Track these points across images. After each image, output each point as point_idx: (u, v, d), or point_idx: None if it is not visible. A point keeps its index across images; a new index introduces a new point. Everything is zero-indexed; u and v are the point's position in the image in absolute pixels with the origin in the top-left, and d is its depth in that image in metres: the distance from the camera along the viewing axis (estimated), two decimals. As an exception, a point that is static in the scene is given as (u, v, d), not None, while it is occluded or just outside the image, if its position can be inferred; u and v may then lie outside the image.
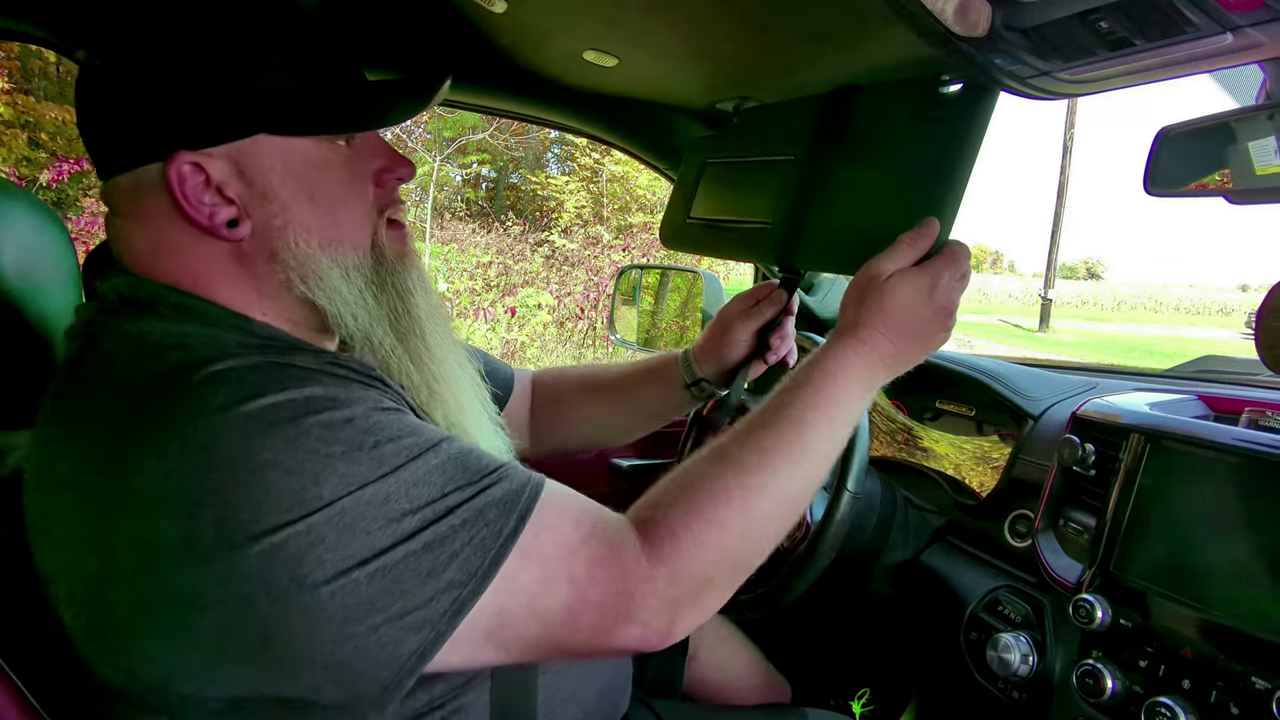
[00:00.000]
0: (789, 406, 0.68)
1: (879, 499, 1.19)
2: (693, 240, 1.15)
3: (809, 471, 0.67)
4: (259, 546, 0.47)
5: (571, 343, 6.25)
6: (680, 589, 0.59)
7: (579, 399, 1.08)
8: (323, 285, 0.62)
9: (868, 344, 0.72)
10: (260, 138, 0.59)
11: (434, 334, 0.70)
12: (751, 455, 0.65)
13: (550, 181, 10.86)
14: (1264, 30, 0.55)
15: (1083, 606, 0.87)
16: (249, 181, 0.59)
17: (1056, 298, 18.79)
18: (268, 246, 0.61)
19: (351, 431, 0.52)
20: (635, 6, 0.86)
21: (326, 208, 0.63)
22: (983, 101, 0.77)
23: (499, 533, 0.54)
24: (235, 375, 0.52)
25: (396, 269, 0.68)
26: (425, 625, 0.51)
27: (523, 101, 1.22)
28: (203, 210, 0.58)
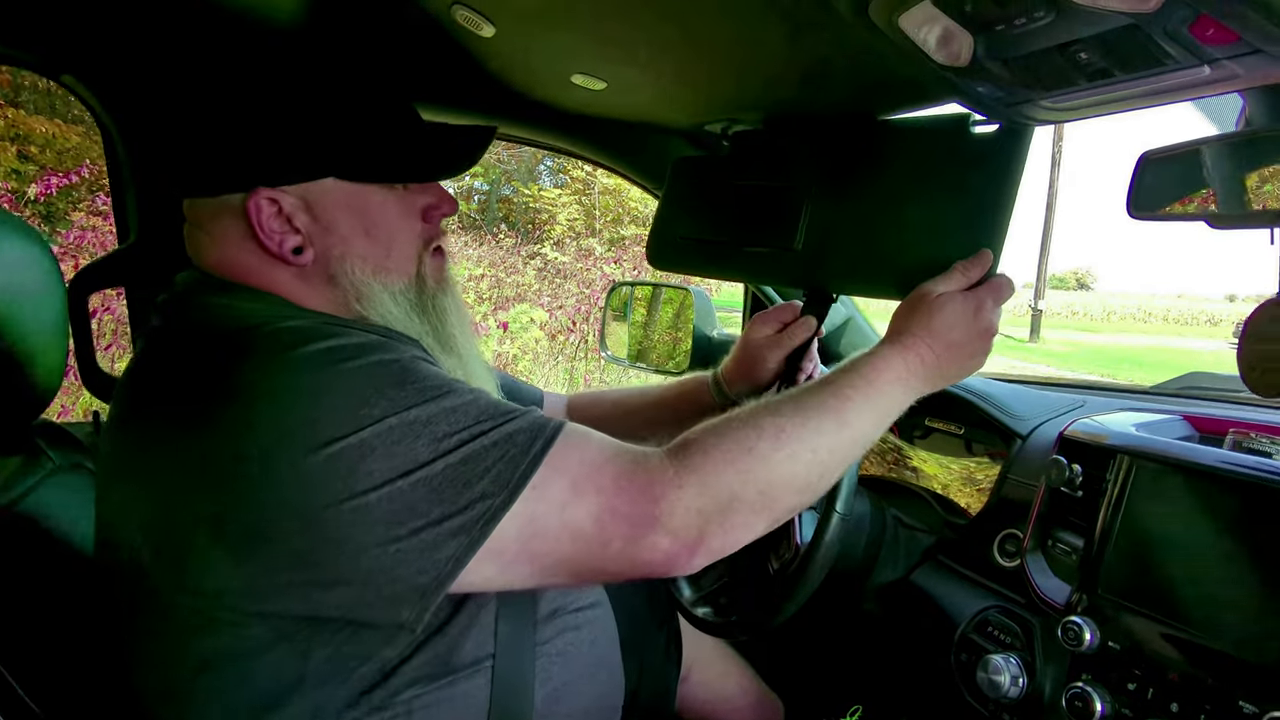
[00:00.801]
0: (833, 383, 0.74)
1: (869, 519, 1.19)
2: (687, 260, 1.15)
3: (841, 440, 0.71)
4: (317, 457, 0.54)
5: (564, 356, 6.24)
6: (708, 499, 0.63)
7: (616, 422, 1.08)
8: (375, 306, 0.71)
9: (912, 350, 0.76)
10: (330, 180, 0.69)
11: (467, 350, 0.80)
12: (789, 408, 0.70)
13: (543, 194, 10.89)
14: (1240, 63, 0.56)
15: (1071, 629, 0.87)
16: (315, 216, 0.68)
17: (1047, 308, 18.90)
18: (327, 271, 0.70)
19: (398, 369, 0.60)
20: (623, 32, 0.86)
21: (380, 241, 0.72)
22: (1018, 143, 0.81)
23: (527, 450, 0.60)
24: (304, 327, 0.61)
25: (437, 293, 0.78)
26: (461, 531, 0.56)
27: (512, 123, 1.23)
28: (274, 237, 0.67)
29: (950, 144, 0.88)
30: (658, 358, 2.06)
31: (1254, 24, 0.50)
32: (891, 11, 0.62)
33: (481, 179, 13.54)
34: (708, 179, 1.14)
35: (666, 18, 0.82)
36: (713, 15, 0.79)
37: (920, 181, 0.90)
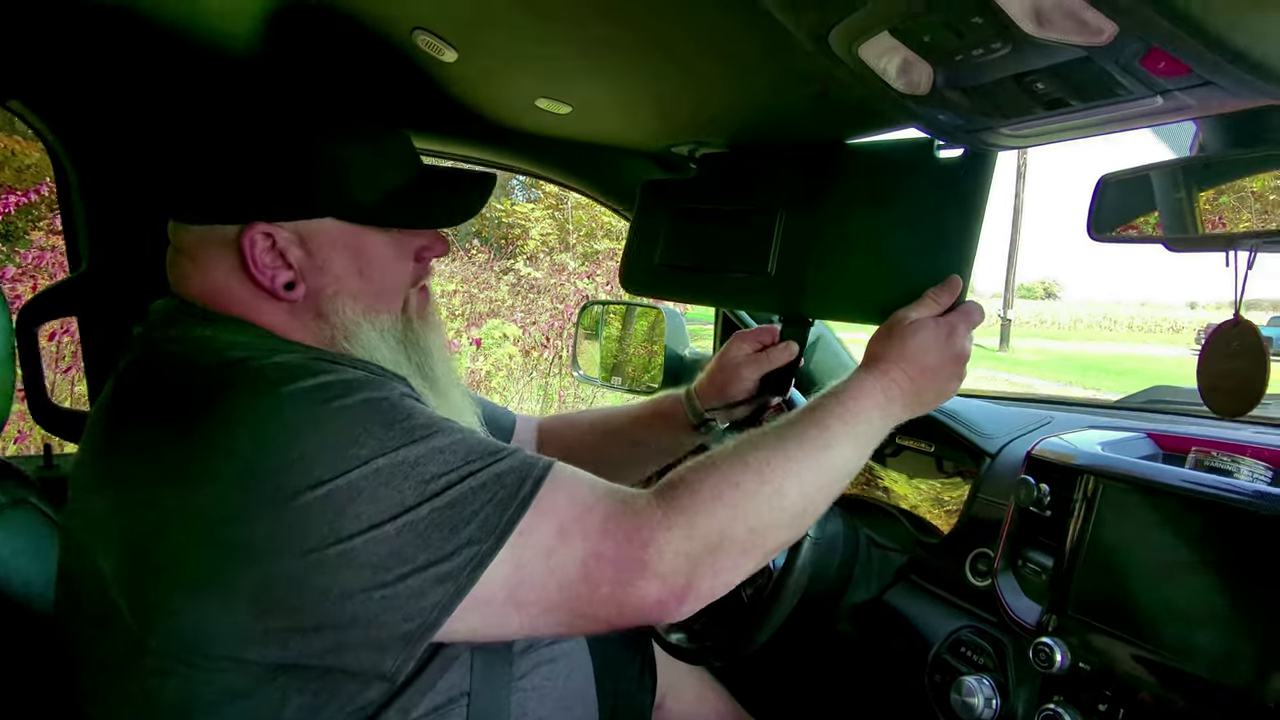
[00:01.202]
0: (812, 413, 0.74)
1: (841, 539, 1.19)
2: (661, 285, 1.15)
3: (827, 473, 0.71)
4: (304, 499, 0.53)
5: (538, 372, 6.21)
6: (697, 541, 0.62)
7: (590, 443, 1.09)
8: (363, 344, 0.70)
9: (889, 376, 0.77)
10: (328, 220, 0.68)
11: (450, 385, 0.79)
12: (772, 442, 0.70)
13: (516, 208, 10.86)
14: (1191, 94, 0.57)
15: (1042, 650, 0.87)
16: (310, 252, 0.68)
17: (1016, 317, 19.22)
18: (317, 308, 0.69)
19: (387, 407, 0.59)
20: (586, 59, 0.86)
21: (373, 281, 0.72)
22: (982, 167, 0.83)
23: (515, 493, 0.59)
24: (291, 363, 0.60)
25: (421, 331, 0.77)
26: (448, 578, 0.55)
27: (477, 147, 1.22)
28: (266, 272, 0.66)
29: (916, 168, 0.89)
30: (631, 377, 2.05)
31: (1204, 57, 0.50)
32: (851, 41, 0.62)
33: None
34: (677, 202, 1.14)
35: (630, 45, 0.81)
36: (677, 43, 0.79)
37: (888, 205, 0.90)
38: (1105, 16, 0.49)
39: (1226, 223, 0.77)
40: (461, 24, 0.83)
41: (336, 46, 0.91)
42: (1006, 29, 0.54)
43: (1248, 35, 0.48)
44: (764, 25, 0.65)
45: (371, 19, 0.85)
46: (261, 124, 0.67)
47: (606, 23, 0.77)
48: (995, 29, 0.54)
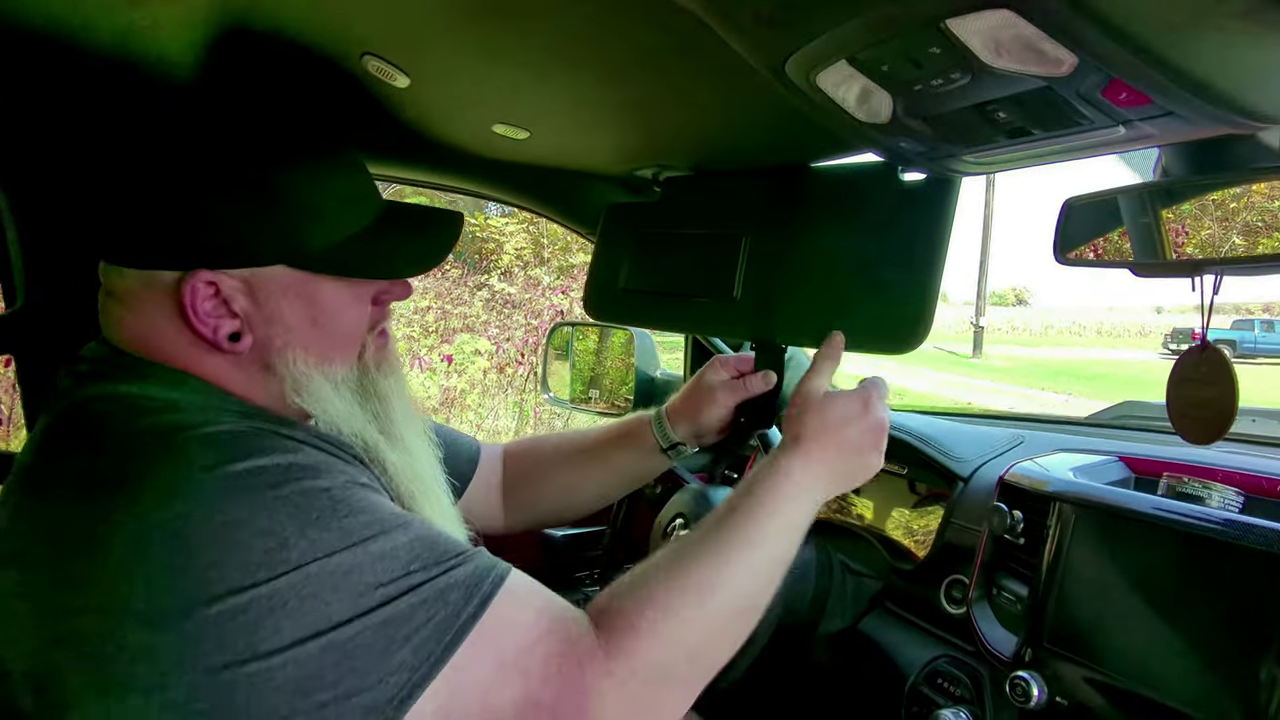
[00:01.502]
0: (740, 509, 0.72)
1: (814, 568, 1.17)
2: (628, 312, 1.13)
3: (763, 571, 0.70)
4: (221, 607, 0.47)
5: (513, 388, 6.15)
6: (639, 683, 0.59)
7: (554, 467, 1.05)
8: (315, 398, 0.65)
9: (811, 455, 0.76)
10: (279, 267, 0.62)
11: (410, 434, 0.74)
12: (707, 552, 0.67)
13: (489, 223, 10.79)
14: (1153, 124, 0.56)
15: (1019, 684, 0.85)
16: (258, 301, 0.62)
17: (988, 324, 19.48)
18: (264, 360, 0.63)
19: (327, 500, 0.53)
20: (542, 84, 0.84)
21: (327, 332, 0.66)
22: (946, 191, 0.82)
23: (457, 615, 0.54)
24: (226, 438, 0.54)
25: (378, 378, 0.72)
26: (373, 711, 0.50)
27: (434, 172, 1.19)
28: (208, 323, 0.60)
29: (880, 191, 0.87)
30: (609, 390, 2.03)
31: (1165, 89, 0.49)
32: (808, 70, 0.60)
33: (428, 209, 13.38)
34: (641, 226, 1.11)
35: (587, 73, 0.79)
36: (635, 71, 0.77)
37: (853, 228, 0.89)
38: (1065, 48, 0.47)
39: (1192, 248, 0.76)
40: (412, 49, 0.80)
41: (284, 71, 0.88)
42: (965, 59, 0.52)
43: (1209, 67, 0.47)
44: (722, 52, 0.63)
45: (319, 44, 0.81)
46: (206, 160, 0.60)
47: (562, 51, 0.75)
48: (954, 59, 0.53)
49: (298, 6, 0.74)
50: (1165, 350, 20.45)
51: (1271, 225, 0.73)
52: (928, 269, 0.82)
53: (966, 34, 0.49)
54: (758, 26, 0.55)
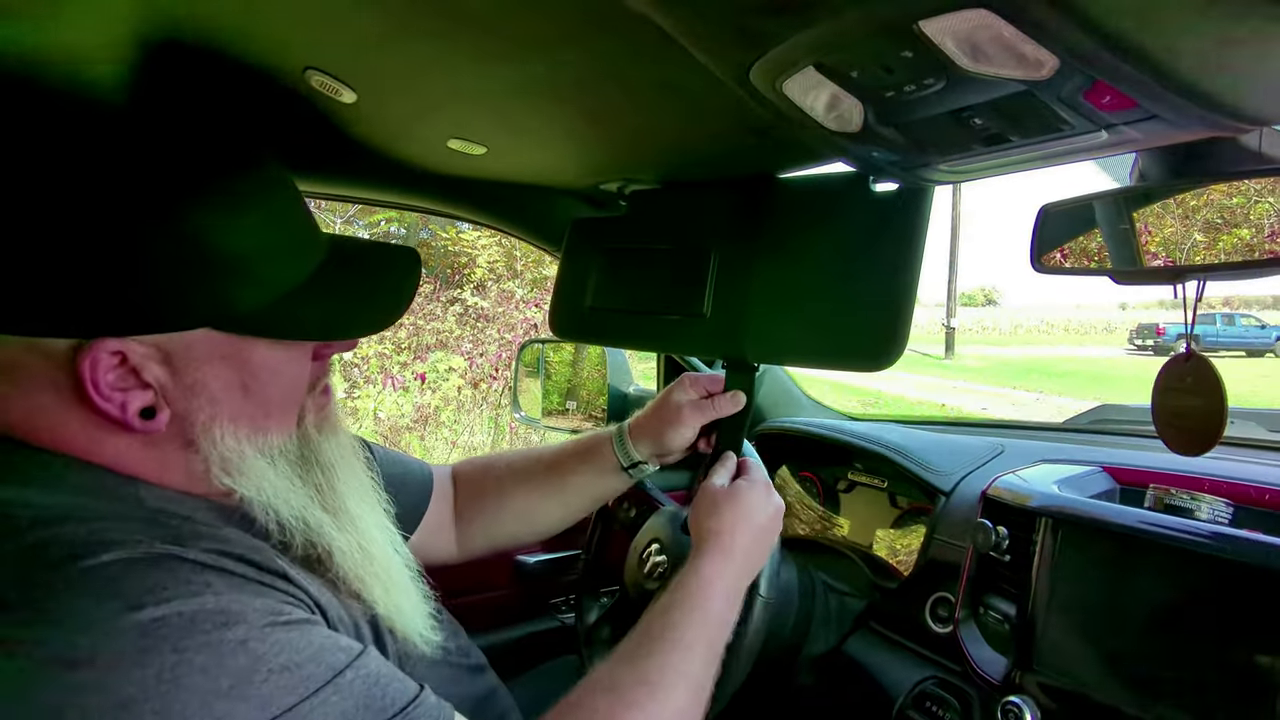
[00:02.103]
0: (669, 630, 0.68)
1: (796, 590, 1.13)
2: (596, 330, 1.08)
3: (696, 689, 0.67)
4: None
5: (488, 404, 6.07)
6: None
7: (508, 489, 0.99)
8: (247, 476, 0.56)
9: (731, 551, 0.77)
10: (203, 331, 0.52)
11: (358, 505, 0.65)
12: (640, 689, 0.62)
13: (461, 237, 10.68)
14: (1137, 128, 0.53)
15: (1011, 710, 0.82)
16: (176, 371, 0.52)
17: (959, 325, 19.70)
18: (185, 436, 0.54)
19: (244, 658, 0.43)
20: (497, 98, 0.79)
21: (260, 400, 0.57)
22: (918, 201, 0.79)
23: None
24: (110, 574, 0.43)
25: (320, 442, 0.63)
26: None
27: (388, 190, 1.14)
28: (113, 399, 0.50)
29: (850, 202, 0.84)
30: (580, 410, 1.98)
31: (1152, 91, 0.46)
32: (773, 78, 0.56)
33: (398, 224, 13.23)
34: (607, 241, 1.07)
35: (544, 86, 0.75)
36: (594, 82, 0.73)
37: (823, 240, 0.86)
38: (1045, 49, 0.44)
39: (1172, 254, 0.74)
40: (357, 63, 0.75)
41: (220, 88, 0.83)
42: (940, 64, 0.49)
43: (1196, 68, 0.44)
44: (685, 61, 0.60)
45: (258, 59, 0.76)
46: (107, 204, 0.48)
47: (518, 63, 0.71)
48: (927, 64, 0.49)
49: (233, 22, 0.69)
50: (1131, 346, 20.84)
51: (1230, 222, 0.72)
52: (901, 282, 0.79)
53: (940, 36, 0.46)
54: (763, 15, 0.50)
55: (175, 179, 0.51)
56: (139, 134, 0.53)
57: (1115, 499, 0.96)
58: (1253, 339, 17.77)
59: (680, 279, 0.97)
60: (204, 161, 0.54)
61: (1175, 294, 0.74)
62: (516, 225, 1.29)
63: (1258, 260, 0.68)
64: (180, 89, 0.82)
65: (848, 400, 9.14)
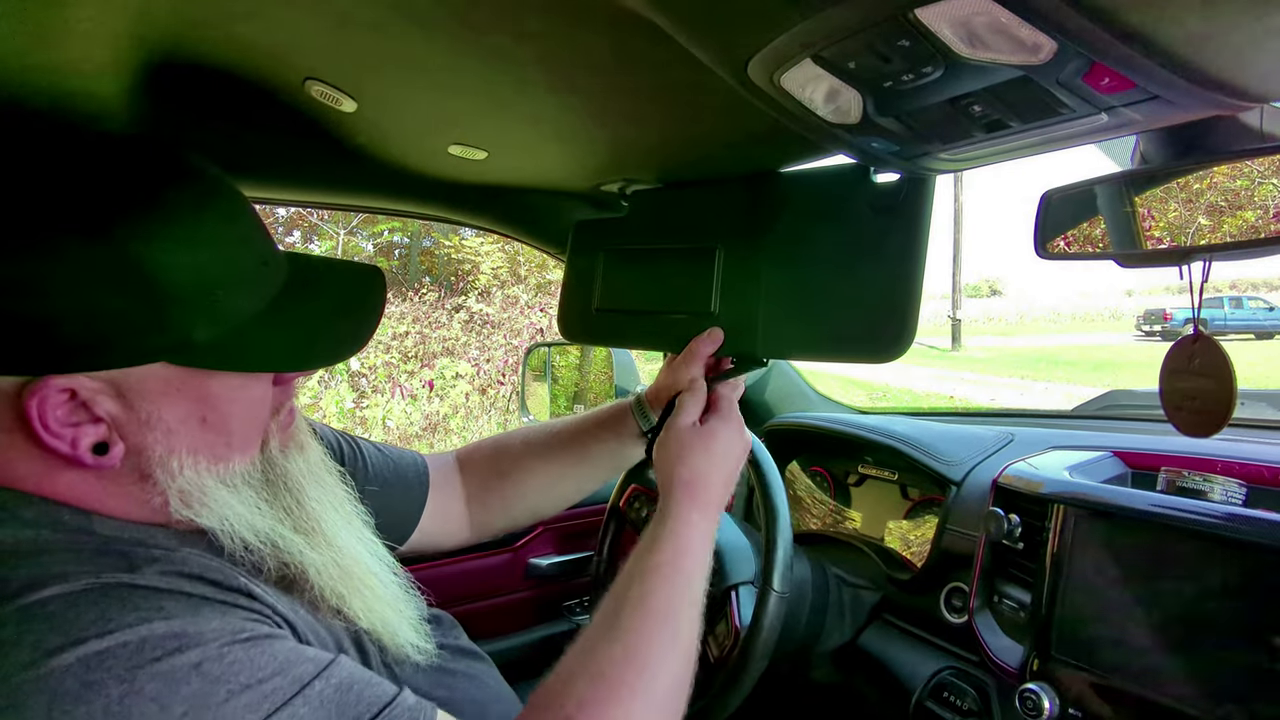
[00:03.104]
0: (650, 593, 0.65)
1: (810, 584, 1.13)
2: (603, 332, 1.08)
3: (682, 651, 0.65)
4: None
5: (495, 409, 6.08)
6: None
7: (528, 465, 0.98)
8: (209, 508, 0.53)
9: (706, 503, 0.74)
10: (158, 365, 0.50)
11: (331, 521, 0.63)
12: (622, 663, 0.60)
13: (464, 244, 10.72)
14: (1137, 109, 0.53)
15: (1029, 698, 0.81)
16: (130, 405, 0.50)
17: (964, 316, 19.63)
18: (141, 470, 0.51)
19: (199, 682, 0.42)
20: (496, 103, 0.80)
21: (220, 430, 0.54)
22: (921, 191, 0.79)
23: None
24: (51, 611, 0.41)
25: (286, 464, 0.61)
26: None
27: (390, 198, 1.14)
28: (63, 437, 0.48)
29: (853, 194, 0.84)
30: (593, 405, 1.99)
31: (1152, 72, 0.46)
32: (771, 71, 0.57)
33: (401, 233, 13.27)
34: (611, 243, 1.08)
35: (543, 89, 0.76)
36: (593, 82, 0.74)
37: (827, 233, 0.86)
38: (1043, 33, 0.44)
39: (1178, 235, 0.74)
40: (355, 74, 0.76)
41: (222, 101, 0.83)
42: (937, 51, 0.49)
43: (1196, 47, 0.44)
44: (683, 59, 0.60)
45: (258, 71, 0.77)
46: (56, 231, 0.46)
47: (517, 67, 0.71)
48: (925, 52, 0.49)
49: (233, 36, 0.69)
50: (1139, 332, 20.72)
51: (1235, 204, 0.71)
52: (907, 272, 0.79)
53: (937, 24, 0.46)
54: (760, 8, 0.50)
55: (110, 202, 0.49)
56: (73, 160, 0.50)
57: (1127, 483, 0.96)
58: (1261, 321, 17.66)
59: (686, 277, 0.97)
60: (140, 182, 0.51)
61: (1181, 275, 0.74)
62: (519, 229, 1.30)
63: (1263, 239, 0.68)
64: (182, 103, 0.83)
65: (855, 394, 9.12)
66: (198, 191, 0.53)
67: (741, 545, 1.08)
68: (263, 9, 0.64)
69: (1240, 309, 17.91)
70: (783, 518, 0.94)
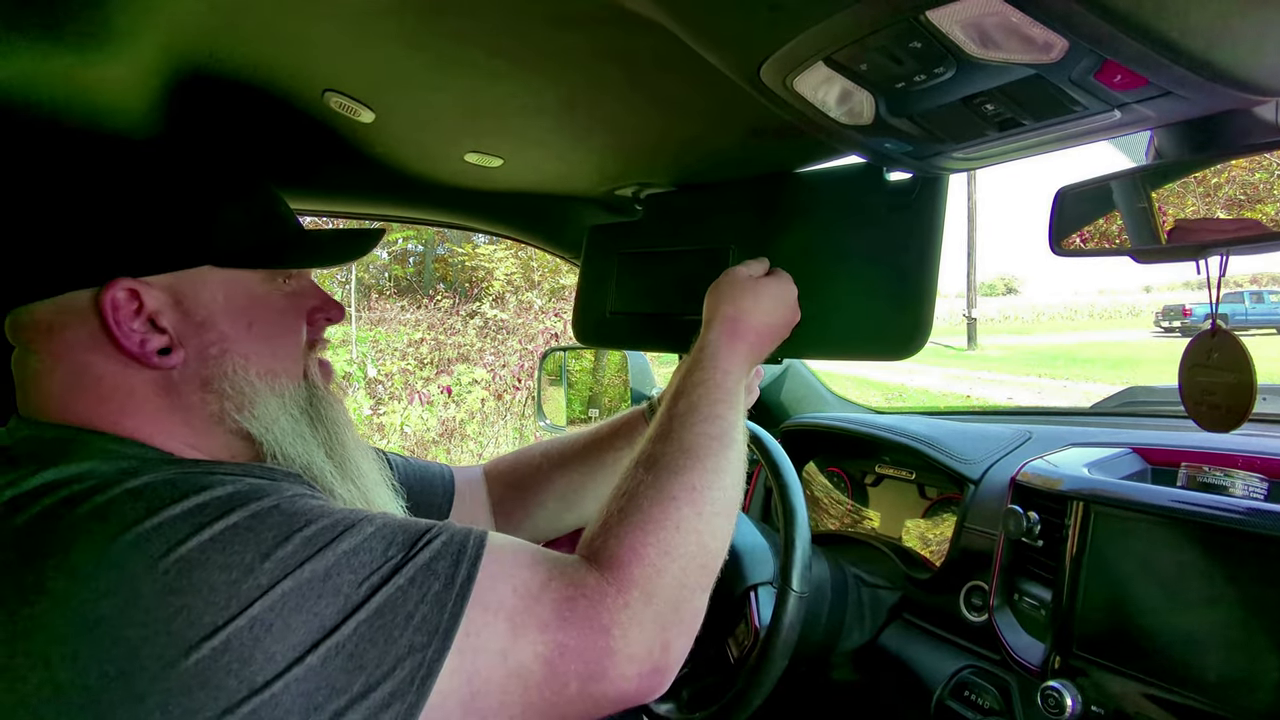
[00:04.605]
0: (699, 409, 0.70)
1: (829, 584, 1.13)
2: (618, 335, 1.09)
3: (734, 459, 0.69)
4: (200, 653, 0.43)
5: (511, 414, 6.11)
6: (659, 603, 0.57)
7: (547, 475, 1.00)
8: (260, 415, 0.61)
9: (744, 331, 0.78)
10: (205, 269, 0.60)
11: (361, 469, 0.69)
12: (683, 459, 0.65)
13: (478, 251, 10.77)
14: (1150, 105, 0.53)
15: (1051, 696, 0.81)
16: (186, 311, 0.59)
17: (980, 315, 19.48)
18: (201, 374, 0.59)
19: (279, 517, 0.49)
20: (512, 111, 0.81)
21: (265, 338, 0.63)
22: (934, 189, 0.79)
23: (451, 582, 0.51)
24: (151, 487, 0.49)
25: (329, 402, 0.69)
26: (395, 698, 0.47)
27: (408, 206, 1.16)
28: (134, 337, 0.56)
29: (866, 194, 0.85)
30: (604, 417, 1.99)
31: (1162, 68, 0.46)
32: (784, 75, 0.57)
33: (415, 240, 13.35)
34: (625, 246, 1.09)
35: (557, 97, 0.77)
36: (607, 89, 0.75)
37: (841, 235, 0.86)
38: (1054, 32, 0.45)
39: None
40: (373, 84, 0.77)
41: (243, 114, 0.85)
42: (949, 52, 0.50)
43: (1209, 42, 0.45)
44: (696, 64, 0.61)
45: (278, 84, 0.79)
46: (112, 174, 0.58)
47: (530, 75, 0.73)
48: (936, 53, 0.50)
49: (255, 51, 0.71)
50: (1158, 328, 20.48)
51: (1254, 198, 0.71)
52: (922, 271, 0.79)
53: (948, 25, 0.47)
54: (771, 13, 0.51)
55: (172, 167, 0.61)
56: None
57: (1147, 480, 0.95)
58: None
59: (701, 279, 0.97)
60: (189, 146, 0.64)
61: (1198, 270, 0.74)
62: (534, 235, 1.31)
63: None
64: (205, 117, 0.84)
65: (871, 395, 9.07)
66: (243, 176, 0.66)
67: (760, 546, 1.08)
68: (283, 25, 0.66)
69: (1261, 304, 17.65)
70: (800, 518, 0.94)
